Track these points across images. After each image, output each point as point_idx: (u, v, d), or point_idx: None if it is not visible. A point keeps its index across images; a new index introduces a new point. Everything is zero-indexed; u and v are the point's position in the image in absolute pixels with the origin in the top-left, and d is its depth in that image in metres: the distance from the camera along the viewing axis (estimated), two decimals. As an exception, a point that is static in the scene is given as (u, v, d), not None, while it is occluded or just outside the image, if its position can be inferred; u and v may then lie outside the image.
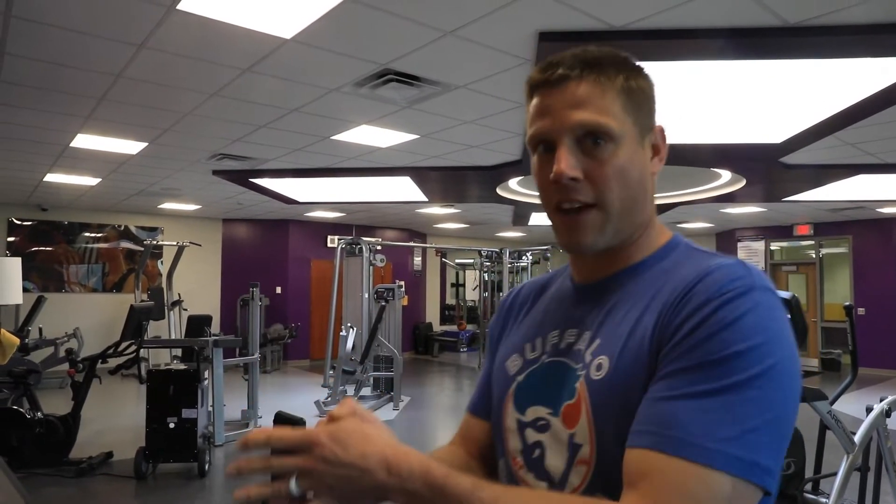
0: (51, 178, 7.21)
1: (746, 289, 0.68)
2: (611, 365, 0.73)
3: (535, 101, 0.79)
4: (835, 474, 3.00)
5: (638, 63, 0.81)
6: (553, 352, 0.83)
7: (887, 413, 3.21)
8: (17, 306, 8.31)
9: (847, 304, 3.73)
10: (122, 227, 10.47)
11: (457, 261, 14.76)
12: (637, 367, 0.71)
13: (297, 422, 1.46)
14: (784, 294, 2.93)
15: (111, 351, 5.10)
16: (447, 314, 14.51)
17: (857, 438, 3.08)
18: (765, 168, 6.23)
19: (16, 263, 6.83)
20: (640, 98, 0.79)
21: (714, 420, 0.62)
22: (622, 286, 0.80)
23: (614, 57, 0.78)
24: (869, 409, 3.17)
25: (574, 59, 0.76)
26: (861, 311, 10.56)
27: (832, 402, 3.10)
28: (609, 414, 0.72)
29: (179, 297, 10.07)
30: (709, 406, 0.63)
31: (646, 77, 0.81)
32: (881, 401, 3.24)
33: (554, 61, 0.77)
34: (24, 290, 8.90)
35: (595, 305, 0.82)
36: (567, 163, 0.74)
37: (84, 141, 5.46)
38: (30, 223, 9.67)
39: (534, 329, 0.89)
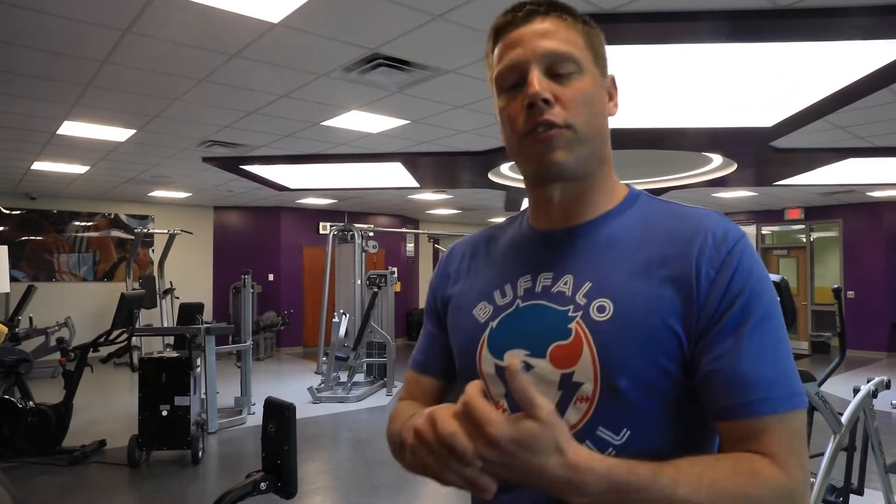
0: (38, 166, 7.14)
1: (742, 236, 0.78)
2: (616, 307, 0.76)
3: (500, 43, 0.83)
4: (822, 454, 3.03)
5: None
6: (528, 296, 0.84)
7: (874, 394, 3.24)
8: (7, 295, 8.25)
9: (835, 286, 3.75)
10: (113, 216, 10.39)
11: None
12: (654, 311, 0.75)
13: (286, 407, 1.46)
14: (774, 277, 2.94)
15: (102, 339, 5.09)
16: (440, 300, 14.50)
17: (844, 419, 3.11)
18: (756, 152, 6.23)
19: (2, 252, 6.77)
20: (597, 43, 0.84)
21: (781, 371, 0.72)
22: (597, 233, 0.84)
23: (574, 8, 0.85)
24: (856, 391, 3.20)
25: (537, 1, 0.83)
26: (850, 294, 10.64)
27: (820, 384, 3.12)
28: (618, 353, 0.75)
29: (171, 285, 10.03)
30: (770, 357, 0.72)
31: (599, 33, 0.86)
32: (868, 382, 3.27)
33: (518, 5, 0.83)
34: (14, 279, 8.88)
35: (569, 251, 0.85)
36: (541, 84, 0.78)
37: (71, 128, 5.39)
38: (18, 212, 9.58)
39: (498, 276, 0.90)
